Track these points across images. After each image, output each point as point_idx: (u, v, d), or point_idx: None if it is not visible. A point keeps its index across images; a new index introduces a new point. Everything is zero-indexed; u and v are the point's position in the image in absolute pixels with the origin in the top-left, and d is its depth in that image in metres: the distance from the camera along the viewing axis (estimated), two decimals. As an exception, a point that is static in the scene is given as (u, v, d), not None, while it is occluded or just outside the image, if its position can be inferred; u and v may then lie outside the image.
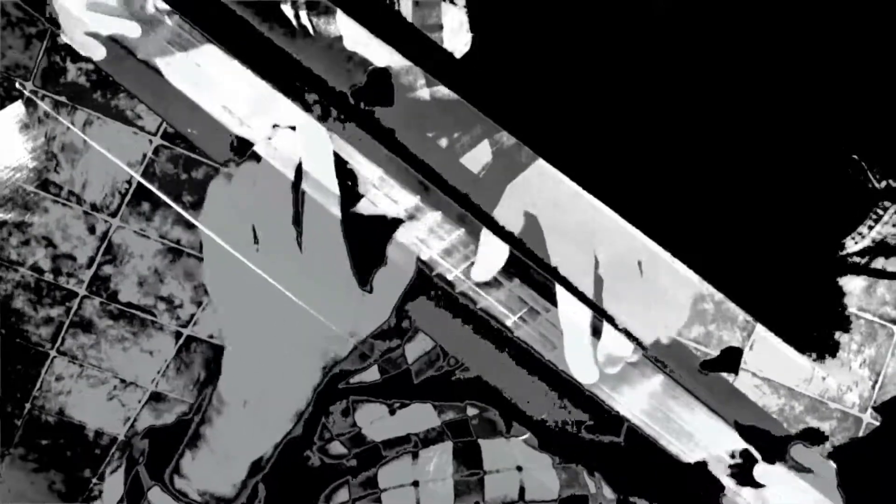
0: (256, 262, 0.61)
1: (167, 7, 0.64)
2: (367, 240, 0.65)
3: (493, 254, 0.65)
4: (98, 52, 0.66)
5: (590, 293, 0.64)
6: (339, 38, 0.70)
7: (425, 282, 0.68)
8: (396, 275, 0.65)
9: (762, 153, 0.73)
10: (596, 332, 0.65)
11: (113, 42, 0.66)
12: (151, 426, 0.72)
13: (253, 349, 0.64)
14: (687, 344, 0.69)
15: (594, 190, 0.66)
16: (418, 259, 0.66)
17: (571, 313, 0.64)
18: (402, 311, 0.68)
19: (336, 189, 0.62)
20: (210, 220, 0.62)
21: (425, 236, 0.67)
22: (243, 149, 0.65)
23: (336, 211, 0.62)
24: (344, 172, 0.65)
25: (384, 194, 0.66)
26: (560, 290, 0.64)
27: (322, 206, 0.62)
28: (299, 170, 0.62)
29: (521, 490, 0.74)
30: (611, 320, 0.64)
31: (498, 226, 0.65)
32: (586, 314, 0.64)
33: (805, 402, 0.82)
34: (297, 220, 0.62)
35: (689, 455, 0.68)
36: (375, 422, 0.82)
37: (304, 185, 0.62)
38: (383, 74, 0.69)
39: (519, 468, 0.76)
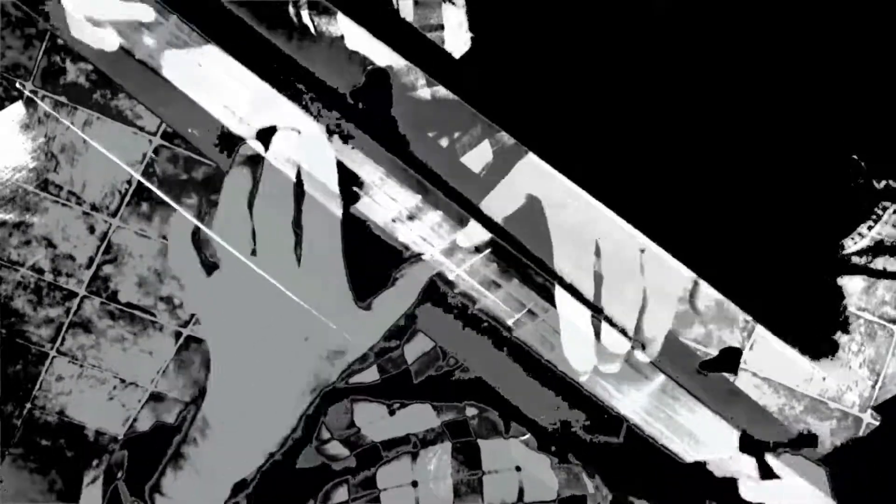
0: (250, 272, 0.60)
1: (166, 7, 0.64)
2: (369, 250, 0.65)
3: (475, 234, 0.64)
4: (112, 42, 0.65)
5: (588, 291, 0.64)
6: (340, 38, 0.70)
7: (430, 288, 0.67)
8: (398, 298, 0.64)
9: (762, 153, 0.73)
10: (596, 332, 0.65)
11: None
12: (128, 435, 0.71)
13: (239, 372, 0.63)
14: (687, 344, 0.69)
15: (594, 190, 0.66)
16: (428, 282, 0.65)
17: (570, 309, 0.64)
18: (402, 332, 0.67)
19: (337, 193, 0.62)
20: (216, 227, 0.62)
21: (425, 236, 0.67)
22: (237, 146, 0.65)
23: (337, 217, 0.61)
24: (348, 177, 0.64)
25: (384, 194, 0.66)
26: (558, 289, 0.64)
27: (323, 211, 0.61)
28: (300, 174, 0.62)
29: (521, 490, 0.74)
30: (608, 319, 0.64)
31: (491, 221, 0.65)
32: (584, 311, 0.64)
33: (805, 402, 0.82)
34: (298, 224, 0.61)
35: (690, 455, 0.68)
36: (375, 422, 0.82)
37: (307, 188, 0.62)
38: (382, 75, 0.69)
39: (518, 468, 0.76)
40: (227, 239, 0.60)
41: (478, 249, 0.67)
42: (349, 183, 0.64)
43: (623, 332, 0.65)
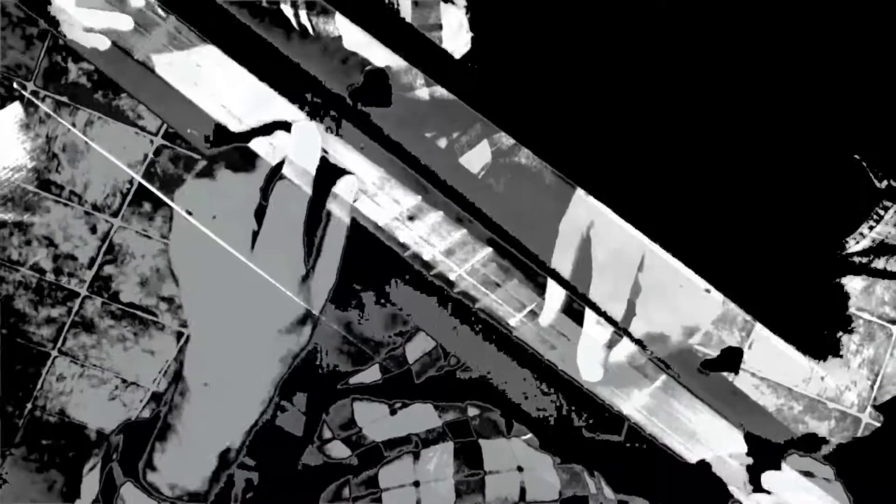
0: (221, 239, 0.62)
1: (163, 7, 0.64)
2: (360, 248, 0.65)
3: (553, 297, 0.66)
4: (102, 43, 0.66)
5: (618, 313, 0.64)
6: (338, 39, 0.70)
7: (425, 283, 0.68)
8: (335, 231, 0.65)
9: (762, 153, 0.73)
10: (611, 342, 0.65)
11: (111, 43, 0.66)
12: (127, 421, 0.72)
13: (213, 332, 0.64)
14: (688, 344, 0.69)
15: (595, 190, 0.66)
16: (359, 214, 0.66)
17: (593, 327, 0.64)
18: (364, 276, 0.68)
19: (309, 182, 0.63)
20: (184, 201, 0.62)
21: (426, 236, 0.67)
22: (223, 139, 0.65)
23: (304, 197, 0.63)
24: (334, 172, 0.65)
25: (385, 194, 0.66)
26: (587, 311, 0.65)
27: (291, 191, 0.62)
28: (280, 164, 0.63)
29: (522, 490, 0.74)
30: (626, 331, 0.65)
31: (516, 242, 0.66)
32: (608, 328, 0.64)
33: (804, 402, 0.82)
34: (260, 214, 0.62)
35: (691, 454, 0.68)
36: (376, 421, 0.82)
37: (285, 172, 0.63)
38: (380, 75, 0.69)
39: (520, 468, 0.76)
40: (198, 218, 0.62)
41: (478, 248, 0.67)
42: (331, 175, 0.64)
43: (638, 342, 0.65)
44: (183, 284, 0.63)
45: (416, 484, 0.75)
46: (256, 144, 0.63)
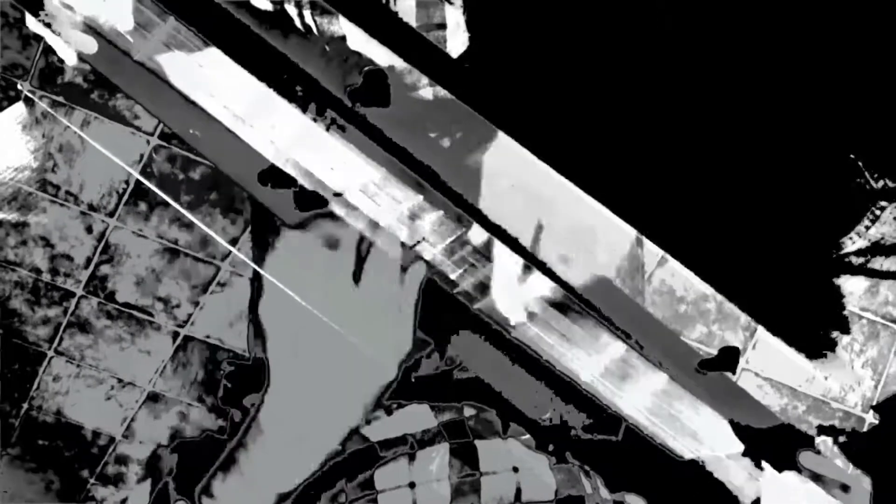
0: (313, 301, 0.65)
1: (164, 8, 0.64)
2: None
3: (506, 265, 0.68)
4: (90, 46, 0.66)
5: (527, 241, 0.66)
6: (340, 39, 0.70)
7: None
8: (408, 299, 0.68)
9: (761, 154, 0.73)
10: (525, 275, 0.67)
11: (108, 44, 0.66)
12: (181, 440, 0.74)
13: (297, 390, 0.66)
14: (689, 344, 0.69)
15: (594, 189, 0.66)
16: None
17: (506, 259, 0.66)
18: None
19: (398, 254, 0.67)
20: (278, 267, 0.66)
21: (426, 236, 0.67)
22: (311, 202, 0.67)
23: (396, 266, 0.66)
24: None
25: (385, 195, 0.66)
26: (496, 242, 0.66)
27: (384, 262, 0.66)
28: (372, 227, 0.67)
29: (518, 491, 0.74)
30: (541, 265, 0.66)
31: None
32: (520, 261, 0.66)
33: (808, 402, 0.82)
34: (357, 278, 0.66)
35: (691, 454, 0.68)
36: (372, 422, 0.82)
37: (375, 239, 0.66)
38: (380, 75, 0.69)
39: (515, 469, 0.76)
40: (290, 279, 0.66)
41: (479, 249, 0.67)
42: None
43: (553, 276, 0.66)
44: (270, 340, 0.66)
45: (412, 485, 0.75)
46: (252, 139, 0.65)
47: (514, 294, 0.69)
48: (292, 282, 0.65)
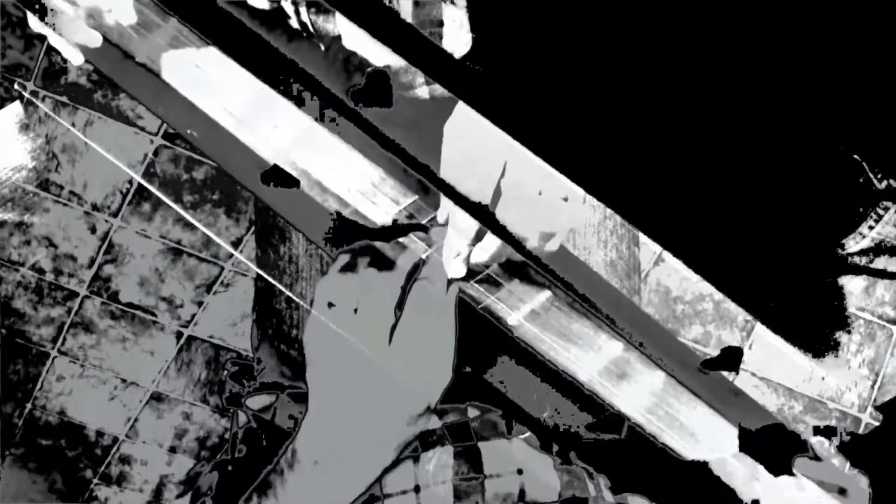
0: (356, 333, 0.65)
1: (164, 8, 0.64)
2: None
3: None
4: (95, 40, 0.66)
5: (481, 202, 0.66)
6: (338, 38, 0.70)
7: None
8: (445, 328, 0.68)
9: (762, 153, 0.73)
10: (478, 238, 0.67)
11: (111, 45, 0.66)
12: (221, 459, 0.75)
13: (336, 416, 0.66)
14: (686, 343, 0.69)
15: (595, 188, 0.66)
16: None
17: (462, 222, 0.66)
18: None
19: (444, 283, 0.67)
20: (326, 293, 0.66)
21: (426, 236, 0.67)
22: (351, 232, 0.69)
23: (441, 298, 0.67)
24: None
25: (384, 194, 0.66)
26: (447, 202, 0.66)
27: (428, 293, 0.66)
28: (417, 265, 0.67)
29: (522, 492, 0.74)
30: (493, 223, 0.66)
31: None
32: (474, 223, 0.66)
33: (804, 402, 0.82)
34: (400, 306, 0.65)
35: (691, 454, 0.68)
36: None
37: (423, 273, 0.66)
38: (382, 76, 0.69)
39: (519, 471, 0.76)
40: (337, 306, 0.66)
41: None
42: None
43: (505, 235, 0.66)
44: (312, 367, 0.67)
45: (417, 489, 0.75)
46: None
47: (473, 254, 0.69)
48: (338, 312, 0.65)
